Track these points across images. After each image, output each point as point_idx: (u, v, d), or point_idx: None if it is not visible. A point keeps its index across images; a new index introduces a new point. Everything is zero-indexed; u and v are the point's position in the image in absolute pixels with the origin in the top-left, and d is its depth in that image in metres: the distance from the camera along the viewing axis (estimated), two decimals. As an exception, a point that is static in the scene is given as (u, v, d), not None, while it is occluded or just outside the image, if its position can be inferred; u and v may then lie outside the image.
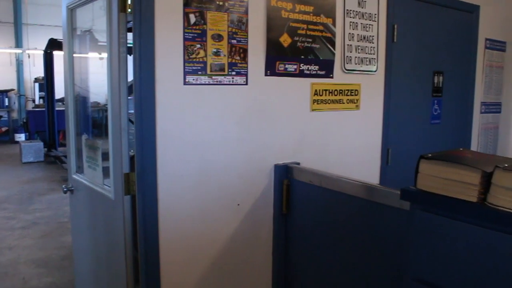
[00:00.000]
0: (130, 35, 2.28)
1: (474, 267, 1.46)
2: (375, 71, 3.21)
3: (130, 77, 2.32)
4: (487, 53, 4.21)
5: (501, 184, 1.40)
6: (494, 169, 1.42)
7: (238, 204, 2.62)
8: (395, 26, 3.32)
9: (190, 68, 2.34)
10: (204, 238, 2.52)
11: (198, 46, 2.36)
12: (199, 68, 2.37)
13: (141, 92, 2.24)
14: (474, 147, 4.17)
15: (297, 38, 2.73)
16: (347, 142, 3.11)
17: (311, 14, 2.78)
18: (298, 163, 2.76)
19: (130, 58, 2.28)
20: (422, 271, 1.62)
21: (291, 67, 2.72)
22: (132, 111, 2.29)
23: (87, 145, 2.81)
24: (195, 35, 2.34)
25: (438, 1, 3.66)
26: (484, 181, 1.45)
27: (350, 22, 3.01)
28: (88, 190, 2.80)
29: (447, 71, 3.82)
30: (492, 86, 4.33)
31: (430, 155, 1.59)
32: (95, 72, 4.06)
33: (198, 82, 2.38)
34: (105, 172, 2.59)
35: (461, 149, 1.75)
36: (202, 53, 2.38)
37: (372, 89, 3.23)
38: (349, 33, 3.01)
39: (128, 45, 2.31)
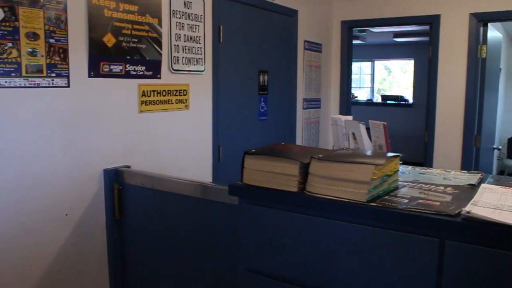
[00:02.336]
0: None
1: (301, 251, 1.56)
2: (203, 71, 3.27)
3: None
4: (306, 54, 4.55)
5: (317, 173, 1.51)
6: (310, 159, 1.54)
7: (67, 214, 2.46)
8: (221, 27, 3.41)
9: (1, 69, 2.13)
10: (29, 255, 2.31)
11: (10, 45, 2.15)
12: (12, 69, 2.16)
13: None
14: (299, 140, 4.49)
15: (122, 38, 2.65)
16: (178, 142, 3.11)
17: (136, 14, 2.72)
18: (129, 166, 2.69)
19: None
20: (253, 262, 1.68)
21: (116, 68, 2.63)
22: None
23: None
24: (5, 32, 2.13)
25: (261, 4, 3.85)
26: (303, 171, 1.55)
27: (177, 22, 3.02)
28: None
29: (271, 70, 4.05)
30: (312, 84, 4.70)
31: (253, 150, 1.66)
32: None
33: (11, 85, 2.17)
34: None
35: (282, 143, 1.85)
36: (15, 52, 2.17)
37: (201, 88, 3.28)
38: (176, 33, 3.01)
39: None
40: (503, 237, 1.23)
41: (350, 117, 2.06)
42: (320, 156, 1.53)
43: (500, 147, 7.56)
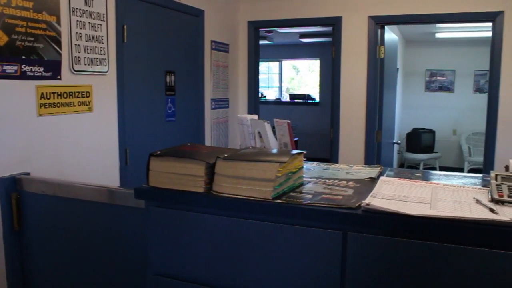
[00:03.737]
0: None
1: (210, 252, 1.55)
2: (106, 72, 3.15)
3: None
4: (213, 54, 4.55)
5: (222, 172, 1.52)
6: (216, 159, 1.53)
7: (-43, 228, 2.27)
8: (125, 27, 3.31)
9: None
10: None
11: None
12: None
13: None
14: (208, 141, 4.47)
15: (16, 36, 2.48)
16: (82, 146, 2.98)
17: (31, 11, 2.57)
18: (28, 173, 2.54)
19: None
20: (163, 266, 1.65)
21: (10, 69, 2.47)
22: None
23: None
24: None
25: (166, 4, 3.79)
26: (209, 172, 1.55)
27: (77, 21, 2.89)
28: None
29: (178, 70, 4.00)
30: (220, 84, 4.71)
31: (159, 152, 1.63)
32: None
33: None
34: None
35: (188, 144, 1.83)
36: None
37: (105, 90, 3.16)
38: (77, 32, 2.88)
39: None
40: (399, 226, 1.31)
41: (255, 116, 2.08)
42: (226, 155, 1.53)
43: (399, 141, 8.03)
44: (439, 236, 1.29)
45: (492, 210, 1.33)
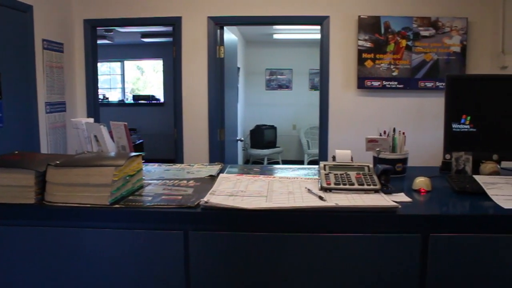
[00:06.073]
0: None
1: (47, 267, 1.44)
2: None
3: None
4: (46, 54, 4.24)
5: (55, 181, 1.42)
6: (47, 167, 1.43)
7: None
8: None
9: None
10: None
11: None
12: None
13: None
14: (44, 148, 4.16)
15: None
16: None
17: None
18: None
19: None
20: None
21: None
22: None
23: None
24: None
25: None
26: (40, 181, 1.44)
27: None
28: None
29: (5, 72, 3.65)
30: (55, 86, 4.41)
31: (-21, 163, 1.47)
32: None
33: None
34: None
35: (16, 152, 1.69)
36: None
37: None
38: None
39: None
40: (237, 221, 1.36)
41: (91, 120, 1.99)
42: (58, 162, 1.44)
43: (243, 138, 8.33)
44: (275, 227, 1.36)
45: (321, 198, 1.44)
